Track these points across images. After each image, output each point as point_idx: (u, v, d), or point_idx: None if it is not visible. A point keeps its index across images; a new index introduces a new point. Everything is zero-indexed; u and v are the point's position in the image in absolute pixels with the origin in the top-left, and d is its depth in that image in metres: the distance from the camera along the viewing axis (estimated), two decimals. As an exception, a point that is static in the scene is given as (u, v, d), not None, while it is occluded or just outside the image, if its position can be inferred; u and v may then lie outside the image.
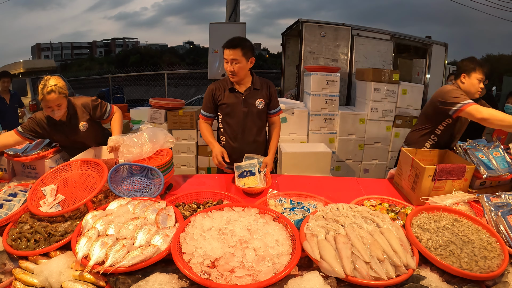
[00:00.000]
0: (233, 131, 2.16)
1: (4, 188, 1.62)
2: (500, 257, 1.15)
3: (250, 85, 2.12)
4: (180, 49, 46.36)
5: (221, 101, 2.12)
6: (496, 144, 1.93)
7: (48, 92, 1.83)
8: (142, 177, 1.75)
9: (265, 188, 1.83)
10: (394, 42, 5.51)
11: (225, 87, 2.12)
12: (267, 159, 2.08)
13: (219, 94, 2.11)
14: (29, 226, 1.36)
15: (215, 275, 1.06)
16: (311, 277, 1.05)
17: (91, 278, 1.08)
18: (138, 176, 1.76)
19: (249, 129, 2.16)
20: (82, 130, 2.09)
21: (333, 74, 4.18)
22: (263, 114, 2.19)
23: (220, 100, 2.12)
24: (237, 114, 2.12)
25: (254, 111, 2.13)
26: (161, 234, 1.23)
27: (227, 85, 2.11)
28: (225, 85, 2.12)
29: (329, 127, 4.27)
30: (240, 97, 2.10)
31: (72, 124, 2.05)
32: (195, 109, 4.46)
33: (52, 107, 1.88)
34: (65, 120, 2.01)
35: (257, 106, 2.13)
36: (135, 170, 1.76)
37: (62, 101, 1.91)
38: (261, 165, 2.00)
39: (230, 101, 2.11)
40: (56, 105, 1.88)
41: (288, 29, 6.30)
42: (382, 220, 1.30)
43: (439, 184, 1.68)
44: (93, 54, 42.89)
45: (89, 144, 2.14)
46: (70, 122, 2.04)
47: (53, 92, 1.84)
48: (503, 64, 21.57)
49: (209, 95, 2.14)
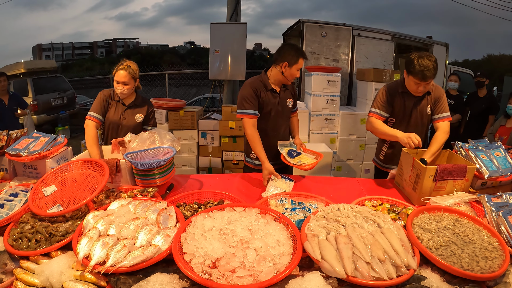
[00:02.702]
0: (270, 129, 2.25)
1: (5, 188, 1.62)
2: (501, 258, 1.14)
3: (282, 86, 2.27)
4: (181, 50, 46.43)
5: (263, 99, 2.17)
6: (498, 144, 1.92)
7: (121, 68, 2.19)
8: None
9: (316, 162, 2.05)
10: (395, 42, 5.50)
11: (266, 87, 2.17)
12: (298, 141, 2.30)
13: (260, 93, 2.16)
14: (30, 226, 1.36)
15: (216, 275, 1.06)
16: (312, 277, 1.04)
17: (92, 278, 1.08)
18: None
19: (284, 126, 2.36)
20: (137, 121, 2.35)
21: (334, 74, 4.18)
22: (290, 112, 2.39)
23: (262, 98, 2.17)
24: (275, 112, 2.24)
25: (286, 110, 2.32)
26: (162, 234, 1.23)
27: (268, 86, 2.17)
28: (266, 86, 2.17)
29: (330, 127, 4.27)
30: (277, 97, 2.22)
31: (132, 111, 2.33)
32: (196, 109, 4.46)
33: (119, 83, 2.20)
34: (127, 105, 2.32)
35: (287, 104, 2.30)
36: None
37: (129, 82, 2.22)
38: (296, 147, 2.25)
39: (271, 100, 2.20)
40: (122, 82, 2.20)
41: (289, 29, 6.31)
42: (383, 221, 1.30)
43: (440, 184, 1.68)
44: (94, 55, 42.97)
45: (122, 134, 2.18)
46: (130, 107, 2.33)
47: (124, 70, 2.19)
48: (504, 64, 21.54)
49: (252, 94, 2.13)
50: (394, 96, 2.15)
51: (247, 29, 5.15)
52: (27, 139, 1.95)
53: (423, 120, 2.18)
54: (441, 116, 2.11)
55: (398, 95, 2.15)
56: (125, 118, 2.32)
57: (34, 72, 7.95)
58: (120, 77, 2.19)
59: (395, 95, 2.15)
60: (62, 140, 1.99)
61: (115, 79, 2.20)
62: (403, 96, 2.14)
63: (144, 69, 9.03)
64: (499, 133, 3.47)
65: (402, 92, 2.13)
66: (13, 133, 2.03)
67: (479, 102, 4.17)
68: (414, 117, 2.16)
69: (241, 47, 5.14)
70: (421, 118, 2.17)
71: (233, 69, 5.16)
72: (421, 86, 1.99)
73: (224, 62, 5.14)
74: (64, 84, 8.47)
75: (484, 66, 24.14)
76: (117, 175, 1.80)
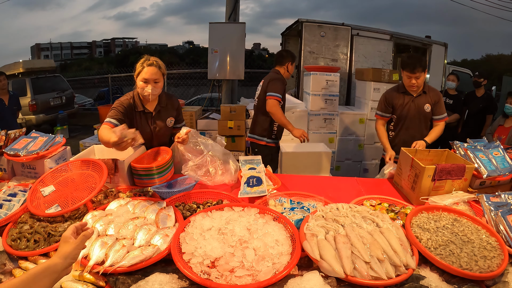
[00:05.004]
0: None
1: (4, 188, 1.61)
2: (500, 257, 1.15)
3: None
4: (180, 49, 46.38)
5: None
6: (496, 144, 1.93)
7: (149, 64, 1.86)
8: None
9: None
10: (393, 42, 5.51)
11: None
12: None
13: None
14: (29, 226, 1.36)
15: (215, 275, 1.06)
16: (311, 277, 1.04)
17: (91, 278, 1.08)
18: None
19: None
20: (169, 125, 2.08)
21: (332, 74, 4.19)
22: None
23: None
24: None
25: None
26: (161, 234, 1.23)
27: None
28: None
29: (328, 127, 4.27)
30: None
31: (160, 116, 2.04)
32: (195, 109, 4.46)
33: (149, 81, 1.87)
34: (153, 112, 2.00)
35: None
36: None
37: (160, 79, 1.91)
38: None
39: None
40: (153, 79, 1.87)
41: (288, 29, 6.31)
42: (382, 220, 1.30)
43: (439, 184, 1.68)
44: (93, 54, 42.87)
45: (156, 144, 2.07)
46: (159, 113, 2.03)
47: (154, 65, 1.86)
48: (503, 64, 21.60)
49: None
50: (394, 97, 2.53)
51: (245, 29, 5.15)
52: (26, 138, 1.95)
53: (421, 116, 2.48)
54: (440, 117, 2.48)
55: (398, 95, 2.52)
56: (156, 127, 2.04)
57: (32, 71, 7.94)
58: (151, 74, 1.86)
59: (395, 95, 2.53)
60: (61, 139, 1.99)
61: (143, 77, 1.86)
62: (403, 95, 2.50)
63: (143, 69, 9.00)
64: (498, 132, 3.48)
65: (402, 92, 2.50)
66: (11, 132, 2.02)
67: (477, 101, 4.19)
68: (412, 114, 2.48)
69: (239, 47, 5.14)
70: (419, 114, 2.47)
71: (231, 68, 5.16)
72: (413, 79, 2.34)
73: (222, 61, 5.14)
74: (63, 84, 8.46)
75: (482, 66, 24.21)
76: (115, 175, 1.79)
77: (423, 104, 2.45)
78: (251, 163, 1.95)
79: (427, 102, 2.44)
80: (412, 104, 2.46)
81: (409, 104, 2.47)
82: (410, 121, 2.50)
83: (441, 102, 2.46)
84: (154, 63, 1.88)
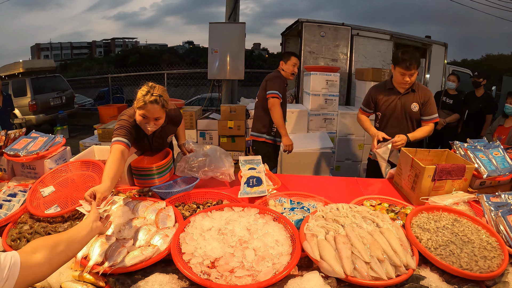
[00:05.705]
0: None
1: (4, 188, 1.61)
2: (500, 257, 1.15)
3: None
4: (180, 49, 46.32)
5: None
6: (496, 144, 1.93)
7: (151, 101, 1.60)
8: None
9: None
10: (393, 42, 5.51)
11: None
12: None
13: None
14: (29, 227, 1.36)
15: (215, 275, 1.06)
16: (311, 277, 1.04)
17: (91, 279, 1.08)
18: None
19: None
20: (168, 142, 2.07)
21: (332, 74, 4.19)
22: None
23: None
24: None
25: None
26: (161, 234, 1.23)
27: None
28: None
29: (328, 127, 4.27)
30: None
31: (161, 135, 1.94)
32: (195, 109, 4.46)
33: (149, 119, 1.66)
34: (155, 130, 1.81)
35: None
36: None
37: (162, 116, 1.70)
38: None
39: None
40: (154, 118, 1.66)
41: (288, 29, 6.30)
42: (382, 220, 1.30)
43: (439, 184, 1.68)
44: (93, 54, 42.81)
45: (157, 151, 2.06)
46: (160, 133, 1.90)
47: (156, 102, 1.61)
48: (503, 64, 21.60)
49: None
50: (379, 93, 2.43)
51: (245, 29, 5.15)
52: (26, 139, 1.95)
53: (407, 115, 2.35)
54: (428, 118, 2.32)
55: (383, 92, 2.41)
56: (155, 144, 1.97)
57: (32, 71, 7.92)
58: (153, 113, 1.63)
59: (380, 92, 2.42)
60: (61, 140, 1.99)
61: (144, 113, 1.63)
62: (388, 92, 2.38)
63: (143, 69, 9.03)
64: (498, 132, 3.47)
65: (389, 89, 2.38)
66: (11, 133, 2.02)
67: (476, 101, 4.18)
68: (398, 112, 2.36)
69: (239, 47, 5.14)
70: (405, 113, 2.35)
71: (231, 68, 5.16)
72: (406, 76, 2.19)
73: (222, 61, 5.14)
74: (63, 84, 8.45)
75: (482, 66, 24.20)
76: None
77: (410, 102, 2.30)
78: (251, 163, 1.95)
79: (415, 101, 2.30)
80: (398, 101, 2.33)
81: (394, 102, 2.34)
82: (395, 119, 2.37)
83: (431, 102, 2.29)
84: (158, 99, 1.61)
